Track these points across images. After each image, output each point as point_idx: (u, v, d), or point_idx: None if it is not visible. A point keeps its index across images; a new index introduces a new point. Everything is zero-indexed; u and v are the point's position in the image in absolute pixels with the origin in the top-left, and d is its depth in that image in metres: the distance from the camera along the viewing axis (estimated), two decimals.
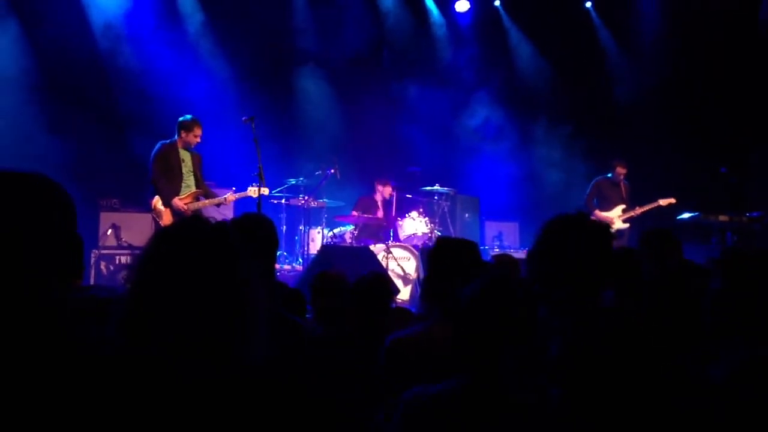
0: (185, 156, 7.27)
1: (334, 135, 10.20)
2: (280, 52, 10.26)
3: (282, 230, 8.80)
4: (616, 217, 8.95)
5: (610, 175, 9.10)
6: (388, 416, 2.12)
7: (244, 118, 7.08)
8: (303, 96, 10.44)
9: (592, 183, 9.19)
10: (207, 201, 7.30)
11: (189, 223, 1.60)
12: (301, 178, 8.70)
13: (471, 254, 2.83)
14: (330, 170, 8.67)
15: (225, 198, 7.28)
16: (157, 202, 7.13)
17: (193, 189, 7.28)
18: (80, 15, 9.04)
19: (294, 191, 8.69)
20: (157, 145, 7.19)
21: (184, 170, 7.23)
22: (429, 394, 1.86)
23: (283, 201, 8.64)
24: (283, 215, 8.86)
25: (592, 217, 8.85)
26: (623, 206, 9.00)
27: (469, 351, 1.86)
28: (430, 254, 2.90)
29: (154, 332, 1.43)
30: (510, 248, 9.77)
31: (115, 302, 1.53)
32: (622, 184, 9.10)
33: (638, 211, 8.93)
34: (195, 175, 7.31)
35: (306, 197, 8.62)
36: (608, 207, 9.01)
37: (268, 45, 10.01)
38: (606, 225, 2.31)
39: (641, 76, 10.90)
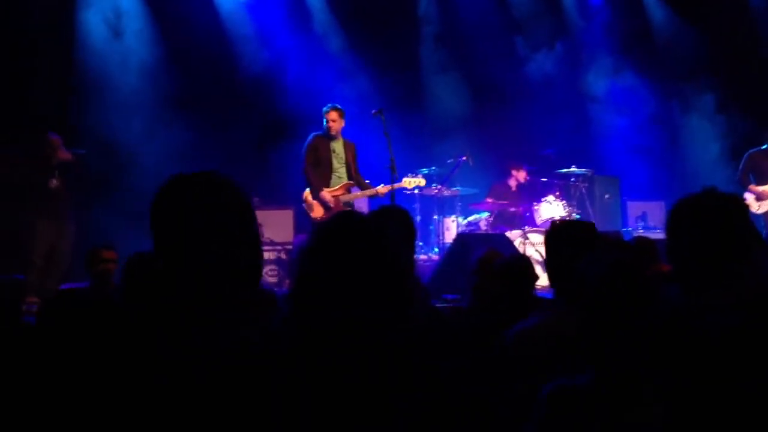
0: (336, 146, 7.30)
1: (464, 121, 10.07)
2: (407, 41, 10.27)
3: (416, 220, 8.81)
4: None
5: (765, 146, 8.40)
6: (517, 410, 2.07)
7: (373, 111, 7.12)
8: (431, 84, 10.40)
9: (745, 156, 8.52)
10: (359, 193, 7.32)
11: (343, 217, 1.67)
12: (434, 167, 8.65)
13: (586, 236, 2.73)
14: (462, 157, 8.57)
15: (377, 190, 7.21)
16: (308, 194, 7.24)
17: (345, 180, 7.29)
18: (211, 19, 9.45)
19: (427, 181, 8.66)
20: (309, 136, 7.32)
21: (334, 161, 7.25)
22: (573, 388, 1.80)
23: (416, 191, 8.64)
24: (417, 205, 8.86)
25: (747, 193, 8.27)
26: None
27: (598, 342, 1.80)
28: (545, 240, 2.82)
29: (320, 323, 1.50)
30: (656, 229, 9.25)
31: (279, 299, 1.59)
32: None
33: None
34: (348, 166, 7.30)
35: (439, 186, 8.57)
36: (765, 181, 8.32)
37: (395, 35, 10.04)
38: (735, 197, 2.07)
39: None
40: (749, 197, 8.28)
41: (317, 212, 7.14)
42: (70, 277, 7.00)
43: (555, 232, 2.79)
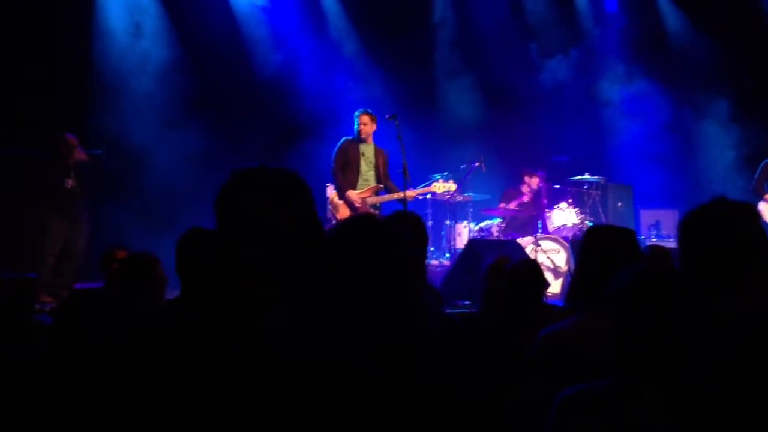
0: (366, 150, 7.33)
1: (478, 127, 10.07)
2: (422, 46, 10.28)
3: (428, 225, 8.79)
4: None
5: None
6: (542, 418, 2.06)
7: (387, 116, 7.14)
8: (445, 89, 10.40)
9: (761, 165, 8.45)
10: (386, 196, 7.32)
11: (357, 221, 1.70)
12: (446, 173, 8.63)
13: (628, 244, 2.66)
14: (475, 163, 8.56)
15: (405, 193, 7.20)
16: (333, 195, 7.30)
17: (373, 183, 7.32)
18: (227, 22, 9.49)
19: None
20: (341, 140, 7.37)
21: (363, 164, 7.28)
22: (583, 396, 1.78)
23: (428, 196, 8.62)
24: (429, 210, 8.85)
25: (762, 203, 8.21)
26: None
27: (629, 349, 1.76)
28: (582, 245, 2.75)
29: (332, 321, 1.51)
30: (669, 238, 9.22)
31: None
32: None
33: None
34: (378, 170, 7.33)
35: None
36: None
37: (410, 40, 10.05)
38: (747, 206, 2.05)
39: None
40: (763, 207, 8.21)
41: (343, 213, 7.20)
42: (84, 276, 7.05)
43: (592, 238, 2.68)
